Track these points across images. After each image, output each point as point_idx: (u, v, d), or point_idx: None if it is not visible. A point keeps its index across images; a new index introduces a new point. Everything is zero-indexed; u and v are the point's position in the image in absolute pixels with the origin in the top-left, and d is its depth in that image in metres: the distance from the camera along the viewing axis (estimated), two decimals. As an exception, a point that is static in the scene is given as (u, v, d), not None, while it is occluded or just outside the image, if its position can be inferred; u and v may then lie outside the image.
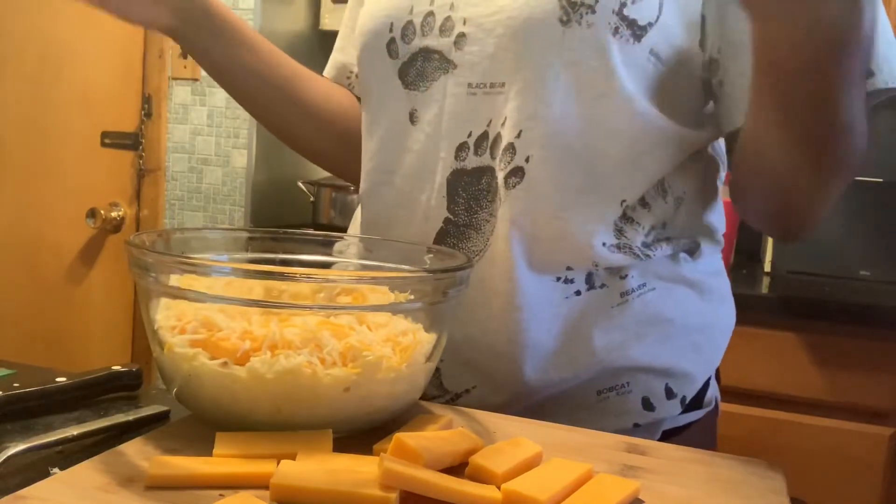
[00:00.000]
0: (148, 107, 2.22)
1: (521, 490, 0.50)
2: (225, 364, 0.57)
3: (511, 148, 0.72)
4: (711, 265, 0.82)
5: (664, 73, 0.73)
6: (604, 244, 0.73)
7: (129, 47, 2.22)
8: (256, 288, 0.64)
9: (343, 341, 0.58)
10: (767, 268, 2.04)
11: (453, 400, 0.78)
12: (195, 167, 2.23)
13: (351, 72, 0.94)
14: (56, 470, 0.55)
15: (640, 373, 0.76)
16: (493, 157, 0.73)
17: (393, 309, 0.62)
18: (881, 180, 2.01)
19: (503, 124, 0.72)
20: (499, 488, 0.51)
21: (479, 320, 0.74)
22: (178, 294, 0.60)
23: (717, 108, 0.76)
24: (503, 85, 0.72)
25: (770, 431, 1.70)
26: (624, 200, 0.74)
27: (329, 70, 0.97)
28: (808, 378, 1.69)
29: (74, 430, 0.60)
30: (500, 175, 0.73)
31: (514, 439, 0.59)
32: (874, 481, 1.66)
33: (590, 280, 0.75)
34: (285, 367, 0.56)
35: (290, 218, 2.28)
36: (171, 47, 2.19)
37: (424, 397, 0.77)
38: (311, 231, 0.78)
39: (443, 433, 0.59)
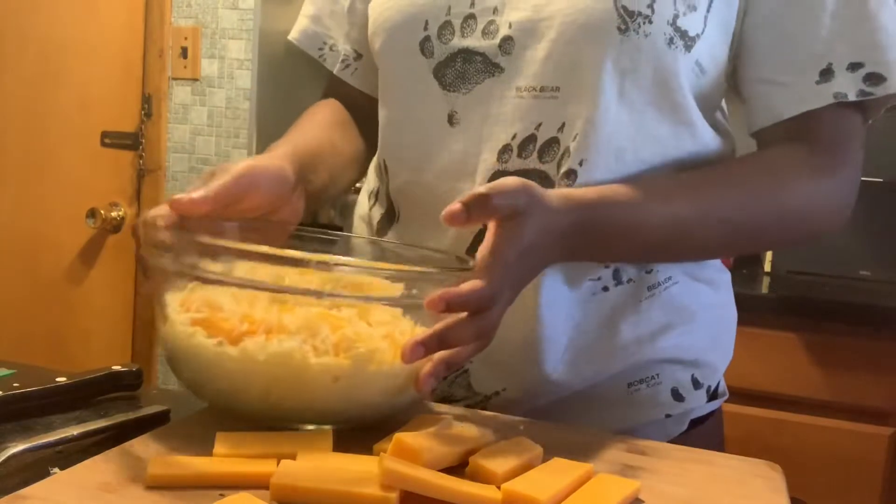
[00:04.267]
0: (148, 107, 2.22)
1: (521, 490, 0.50)
2: (220, 343, 0.58)
3: (567, 151, 0.72)
4: (716, 260, 0.84)
5: (702, 84, 0.75)
6: None
7: (129, 47, 2.22)
8: (266, 276, 0.63)
9: (338, 332, 0.58)
10: (767, 268, 2.04)
11: (483, 402, 0.77)
12: (195, 167, 2.23)
13: (325, 43, 0.92)
14: (56, 470, 0.55)
15: (668, 364, 0.78)
16: (541, 160, 0.73)
17: (397, 302, 0.62)
18: (881, 180, 2.01)
19: (561, 129, 0.72)
20: (499, 488, 0.51)
21: (506, 321, 0.74)
22: (190, 275, 0.60)
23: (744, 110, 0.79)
24: (557, 89, 0.72)
25: (770, 431, 1.70)
26: None
27: (298, 35, 0.94)
28: (808, 378, 1.69)
29: (74, 430, 0.60)
30: (556, 178, 0.73)
31: (514, 439, 0.59)
32: (874, 481, 1.66)
33: (617, 276, 0.75)
34: (276, 351, 0.57)
35: (289, 218, 2.27)
36: (171, 47, 2.19)
37: (452, 399, 0.77)
38: (323, 230, 0.77)
39: (443, 433, 0.59)
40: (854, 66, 0.73)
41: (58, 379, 0.70)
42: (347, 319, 0.60)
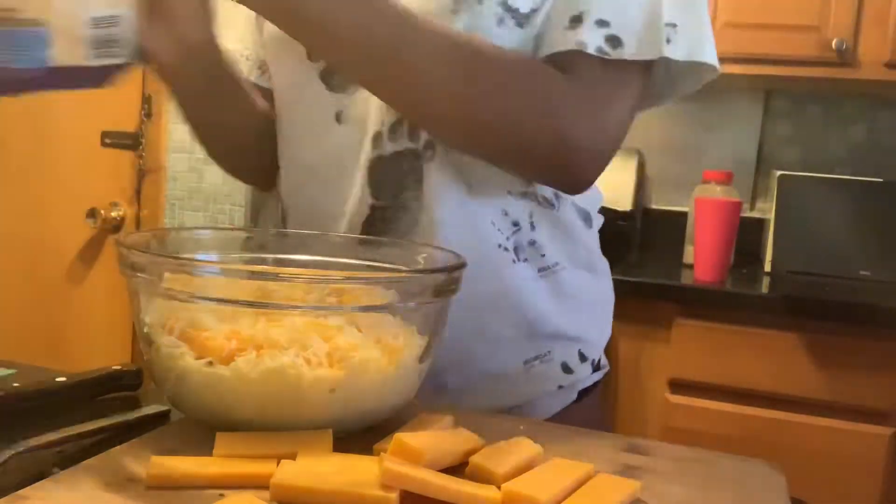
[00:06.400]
0: (148, 107, 2.22)
1: (521, 490, 0.50)
2: (210, 364, 0.57)
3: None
4: (596, 242, 0.91)
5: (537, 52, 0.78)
6: (509, 192, 0.80)
7: (129, 47, 2.22)
8: (248, 289, 0.63)
9: (330, 342, 0.58)
10: (767, 268, 2.04)
11: None
12: (195, 167, 2.23)
13: (241, 54, 0.94)
14: (56, 470, 0.55)
15: (559, 340, 0.85)
16: (410, 139, 0.78)
17: (381, 309, 0.62)
18: (881, 180, 2.01)
19: None
20: (499, 488, 0.51)
21: None
22: (166, 294, 0.59)
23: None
24: None
25: (770, 431, 1.70)
26: None
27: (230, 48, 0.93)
28: (808, 378, 1.69)
29: (74, 430, 0.60)
30: (422, 152, 0.78)
31: (514, 439, 0.59)
32: (874, 481, 1.66)
33: (518, 252, 0.81)
34: (270, 368, 0.56)
35: (290, 218, 2.28)
36: (171, 47, 2.19)
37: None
38: (307, 231, 0.78)
39: (443, 433, 0.59)
40: (601, 24, 0.73)
41: (58, 379, 0.70)
42: (337, 328, 0.59)
